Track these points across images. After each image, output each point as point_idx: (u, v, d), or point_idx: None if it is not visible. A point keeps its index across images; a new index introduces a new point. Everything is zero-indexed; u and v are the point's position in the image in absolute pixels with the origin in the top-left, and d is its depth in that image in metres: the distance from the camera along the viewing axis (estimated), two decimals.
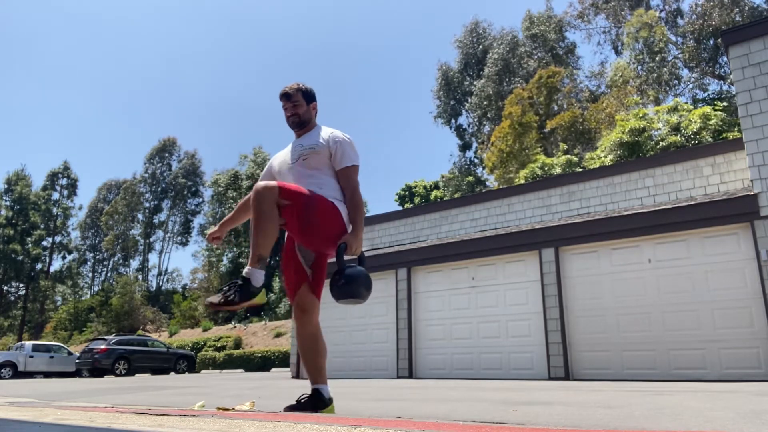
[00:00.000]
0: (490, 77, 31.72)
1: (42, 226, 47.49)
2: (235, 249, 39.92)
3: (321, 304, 3.14)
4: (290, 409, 2.91)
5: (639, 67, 26.27)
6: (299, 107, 3.17)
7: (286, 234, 3.09)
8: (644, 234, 8.61)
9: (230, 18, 79.79)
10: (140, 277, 51.44)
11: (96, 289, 53.38)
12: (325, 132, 3.16)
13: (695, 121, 16.16)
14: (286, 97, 3.18)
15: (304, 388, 3.62)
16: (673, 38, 28.96)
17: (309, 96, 3.22)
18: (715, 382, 7.24)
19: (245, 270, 2.72)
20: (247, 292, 2.66)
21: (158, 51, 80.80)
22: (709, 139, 15.41)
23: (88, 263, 56.97)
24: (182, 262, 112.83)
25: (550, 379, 8.87)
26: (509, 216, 11.49)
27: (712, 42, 26.71)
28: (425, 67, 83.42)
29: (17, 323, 46.11)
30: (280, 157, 3.25)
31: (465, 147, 36.51)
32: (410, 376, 10.55)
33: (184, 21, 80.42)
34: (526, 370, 9.36)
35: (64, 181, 50.76)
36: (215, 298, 2.68)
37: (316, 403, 2.92)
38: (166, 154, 56.88)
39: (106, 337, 21.90)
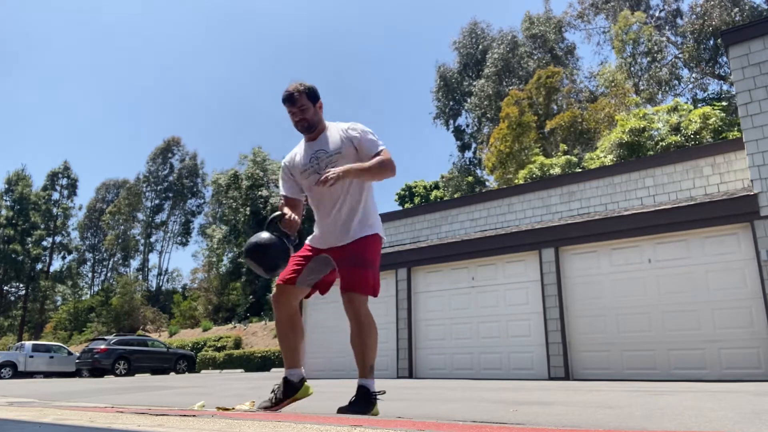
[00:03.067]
0: (489, 77, 31.71)
1: (42, 226, 47.44)
2: (235, 249, 39.91)
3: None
4: (342, 410, 2.81)
5: (631, 69, 26.31)
6: (307, 111, 2.97)
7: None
8: (644, 234, 8.61)
9: (230, 18, 79.82)
10: (140, 277, 51.41)
11: (96, 289, 53.36)
12: (339, 130, 3.03)
13: (695, 121, 16.16)
14: (290, 102, 2.96)
15: None
16: (673, 38, 28.97)
17: (313, 96, 3.02)
18: (715, 382, 7.24)
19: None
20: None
21: (159, 51, 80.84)
22: (709, 139, 15.41)
23: (88, 263, 56.96)
24: (182, 262, 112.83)
25: (550, 379, 8.87)
26: (509, 216, 11.49)
27: (712, 42, 26.70)
28: (425, 66, 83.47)
29: (17, 323, 46.06)
30: (300, 166, 3.07)
31: (464, 147, 36.50)
32: (410, 376, 10.55)
33: (184, 21, 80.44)
34: (526, 370, 9.36)
35: (64, 181, 50.70)
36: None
37: (367, 403, 2.81)
38: (169, 154, 56.77)
39: (106, 337, 21.89)
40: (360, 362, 2.90)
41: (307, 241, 3.11)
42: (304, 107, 2.97)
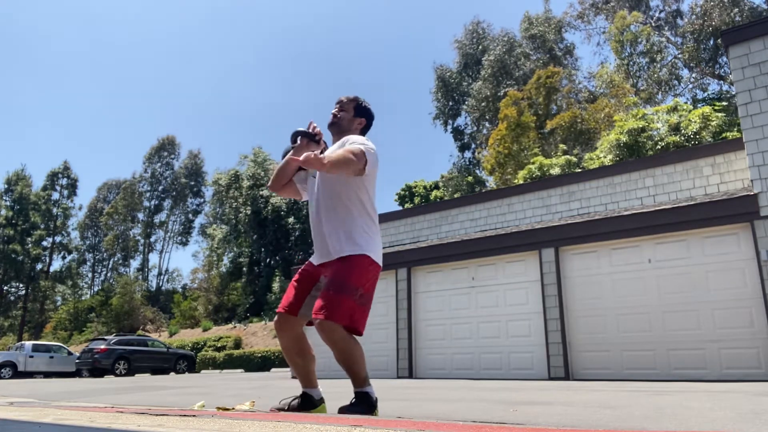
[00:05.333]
0: (486, 79, 31.69)
1: (42, 226, 47.46)
2: (235, 249, 39.92)
3: None
4: (342, 410, 2.82)
5: (629, 69, 26.33)
6: (343, 115, 3.13)
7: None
8: (644, 234, 8.61)
9: (230, 19, 79.84)
10: (140, 277, 51.40)
11: (96, 289, 53.34)
12: (348, 141, 2.95)
13: (695, 121, 16.16)
14: (337, 101, 3.20)
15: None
16: (673, 38, 28.98)
17: (360, 110, 3.17)
18: (715, 382, 7.24)
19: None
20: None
21: (159, 50, 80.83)
22: (709, 139, 15.41)
23: (88, 263, 56.94)
24: (182, 262, 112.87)
25: (550, 379, 8.87)
26: (509, 216, 11.49)
27: (712, 42, 26.72)
28: (425, 66, 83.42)
29: (17, 323, 46.07)
30: None
31: (464, 147, 36.49)
32: (410, 376, 10.55)
33: (184, 20, 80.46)
34: (526, 370, 9.36)
35: (64, 181, 50.70)
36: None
37: (368, 405, 2.83)
38: (165, 153, 56.62)
39: (106, 337, 21.90)
40: (352, 377, 2.89)
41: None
42: (343, 110, 3.14)
